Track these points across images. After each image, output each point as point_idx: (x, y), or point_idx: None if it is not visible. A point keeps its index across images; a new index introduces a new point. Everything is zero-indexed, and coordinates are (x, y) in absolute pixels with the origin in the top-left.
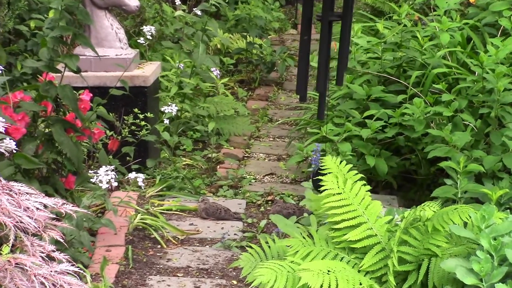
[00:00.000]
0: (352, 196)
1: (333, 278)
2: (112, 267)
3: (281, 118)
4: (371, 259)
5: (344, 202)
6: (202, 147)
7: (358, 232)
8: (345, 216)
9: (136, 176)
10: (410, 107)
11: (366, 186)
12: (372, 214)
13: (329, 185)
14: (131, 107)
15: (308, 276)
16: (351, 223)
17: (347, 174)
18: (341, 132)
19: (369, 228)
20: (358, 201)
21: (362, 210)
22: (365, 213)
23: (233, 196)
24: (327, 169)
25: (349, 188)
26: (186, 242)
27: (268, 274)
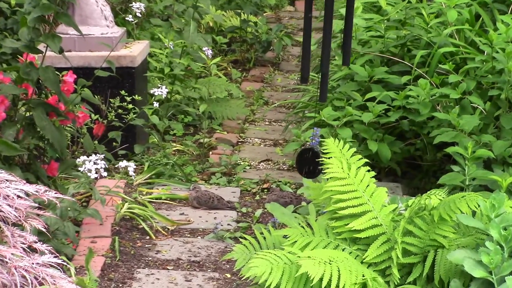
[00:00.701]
0: (357, 182)
1: (335, 268)
2: (97, 260)
3: (278, 101)
4: (376, 250)
5: (349, 187)
6: (194, 131)
7: (363, 221)
8: (350, 203)
9: (126, 165)
10: (415, 89)
11: (370, 172)
12: (377, 202)
13: (334, 169)
14: (117, 89)
15: (309, 265)
16: (355, 210)
17: (351, 159)
18: (341, 117)
19: (375, 217)
20: (363, 188)
21: (367, 197)
22: (370, 201)
23: (226, 184)
24: (330, 153)
25: (353, 174)
26: (176, 233)
27: (263, 266)
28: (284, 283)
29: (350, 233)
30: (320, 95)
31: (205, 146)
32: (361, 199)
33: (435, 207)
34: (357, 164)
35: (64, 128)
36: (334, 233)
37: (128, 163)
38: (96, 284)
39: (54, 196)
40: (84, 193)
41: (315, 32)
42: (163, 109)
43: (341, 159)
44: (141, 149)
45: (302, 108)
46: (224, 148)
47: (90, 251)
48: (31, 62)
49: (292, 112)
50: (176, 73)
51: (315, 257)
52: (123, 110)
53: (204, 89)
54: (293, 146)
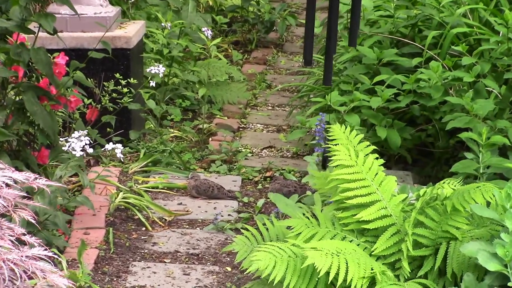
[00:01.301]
0: (365, 171)
1: (342, 260)
2: (91, 252)
3: (281, 84)
4: (385, 242)
5: (357, 176)
6: (192, 117)
7: (371, 211)
8: (358, 192)
9: (113, 147)
10: (426, 72)
11: (379, 160)
12: (386, 191)
13: (340, 156)
14: (112, 72)
15: (316, 256)
16: (363, 200)
17: (358, 146)
18: (348, 101)
19: (384, 207)
20: (372, 176)
21: (376, 186)
22: (379, 190)
23: (227, 172)
24: (336, 139)
25: (361, 161)
26: (174, 224)
27: (266, 259)
28: (289, 276)
29: (357, 224)
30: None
31: (204, 132)
32: (370, 188)
33: (448, 197)
34: (365, 151)
35: (55, 113)
36: (341, 224)
37: (115, 145)
38: (89, 278)
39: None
40: (76, 181)
41: (320, 11)
42: (160, 93)
43: (348, 146)
44: (137, 135)
45: (307, 92)
46: (225, 134)
47: (83, 243)
48: (22, 43)
49: (296, 96)
50: (174, 55)
51: (322, 248)
52: (117, 94)
53: (204, 72)
54: (297, 133)
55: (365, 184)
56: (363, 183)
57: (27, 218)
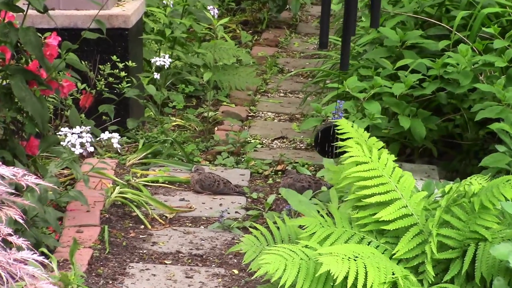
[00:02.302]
0: (381, 167)
1: (361, 265)
2: (84, 252)
3: (294, 69)
4: (407, 244)
5: (374, 173)
6: (196, 104)
7: (391, 210)
8: (375, 190)
9: (110, 137)
10: (454, 56)
11: (391, 156)
12: (405, 189)
13: (354, 152)
14: (108, 54)
15: (331, 262)
16: (382, 198)
17: (369, 141)
18: (368, 88)
19: (404, 205)
20: (389, 173)
21: (394, 183)
22: (398, 187)
23: (234, 165)
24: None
25: (376, 157)
26: (175, 222)
27: (276, 262)
28: (300, 281)
29: (376, 224)
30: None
31: (209, 120)
32: (388, 186)
33: (476, 194)
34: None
35: (46, 99)
36: (359, 224)
37: (111, 134)
38: (82, 281)
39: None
40: (68, 175)
41: None
42: (161, 77)
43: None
44: (135, 123)
45: (322, 77)
46: (232, 124)
47: (75, 242)
48: (10, 22)
49: (311, 82)
50: (176, 36)
51: (338, 253)
52: (114, 79)
53: (209, 54)
54: (312, 122)
55: (383, 181)
56: (381, 180)
57: (14, 217)
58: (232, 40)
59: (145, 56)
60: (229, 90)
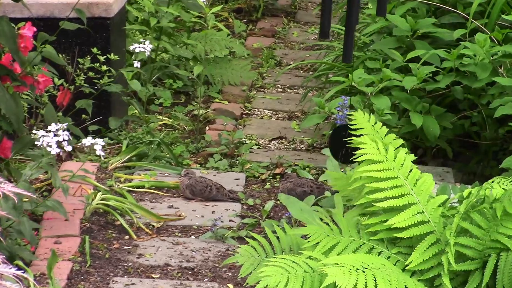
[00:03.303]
0: (397, 167)
1: (370, 277)
2: (63, 265)
3: (294, 61)
4: (422, 254)
5: (388, 173)
6: (185, 101)
7: (405, 216)
8: (389, 194)
9: (93, 143)
10: (471, 47)
11: (411, 155)
12: (422, 192)
13: (367, 149)
14: (88, 46)
15: (337, 273)
16: (395, 203)
17: (386, 138)
18: (376, 81)
19: (420, 211)
20: (405, 174)
21: (410, 186)
22: (414, 191)
23: (227, 168)
24: (360, 129)
25: (392, 156)
26: (163, 231)
27: (277, 275)
28: None
29: (388, 232)
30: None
31: (200, 119)
32: (403, 189)
33: (497, 199)
34: (394, 144)
35: (20, 96)
36: (368, 232)
37: (94, 140)
38: None
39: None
40: (45, 179)
41: None
42: (147, 71)
43: (375, 137)
44: (118, 123)
45: (325, 70)
46: (225, 122)
47: (54, 255)
48: None
49: (312, 76)
50: (163, 25)
51: (345, 264)
52: (95, 73)
53: (199, 46)
54: (314, 119)
55: (398, 184)
56: (395, 182)
57: None
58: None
59: (128, 48)
60: (222, 85)
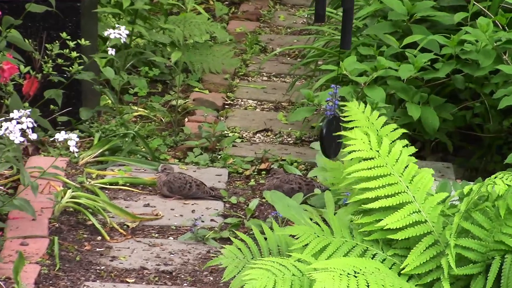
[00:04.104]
0: (391, 163)
1: (362, 282)
2: (30, 269)
3: (280, 47)
4: (419, 257)
5: (380, 171)
6: (162, 90)
7: (400, 216)
8: (381, 192)
9: (66, 139)
10: (473, 32)
11: (409, 148)
12: (419, 190)
13: (357, 145)
14: (57, 30)
15: (326, 279)
16: (389, 202)
17: (383, 130)
18: (369, 70)
19: (416, 210)
20: (400, 170)
21: (406, 183)
22: (410, 188)
23: (209, 163)
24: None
25: (385, 151)
26: (139, 232)
27: (264, 278)
28: None
29: (382, 232)
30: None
31: (178, 110)
32: (397, 186)
33: (501, 196)
34: (391, 136)
35: None
36: (361, 232)
37: (68, 135)
38: None
39: None
40: (10, 175)
41: None
42: (121, 58)
43: (369, 130)
44: (90, 114)
45: (314, 57)
46: (206, 114)
47: (21, 257)
48: None
49: (301, 63)
50: (138, 8)
51: (335, 268)
52: (64, 60)
53: (178, 30)
54: (302, 112)
55: (391, 181)
56: (388, 180)
57: None
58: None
59: (100, 33)
60: (202, 73)
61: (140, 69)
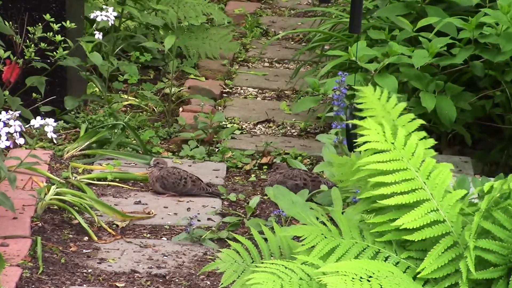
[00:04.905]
0: (407, 156)
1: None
2: (11, 272)
3: (283, 30)
4: (436, 260)
5: (396, 165)
6: (155, 77)
7: (416, 215)
8: (396, 188)
9: (43, 124)
10: (493, 14)
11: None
12: (437, 186)
13: (371, 136)
14: (39, 12)
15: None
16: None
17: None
18: (380, 56)
19: (434, 209)
20: (416, 164)
21: (423, 179)
22: (427, 184)
23: (205, 157)
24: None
25: (401, 143)
26: (129, 232)
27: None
28: None
29: (397, 233)
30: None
31: (172, 99)
32: (414, 182)
33: None
34: (407, 128)
35: None
36: (373, 233)
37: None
38: None
39: None
40: None
41: None
42: (109, 42)
43: (384, 119)
44: (75, 103)
45: (320, 41)
46: (202, 103)
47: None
48: None
49: (305, 48)
50: None
51: (346, 272)
52: (48, 45)
53: (171, 12)
54: (307, 103)
55: (407, 177)
56: (404, 175)
57: None
58: None
59: (87, 15)
60: (198, 58)
61: (130, 54)
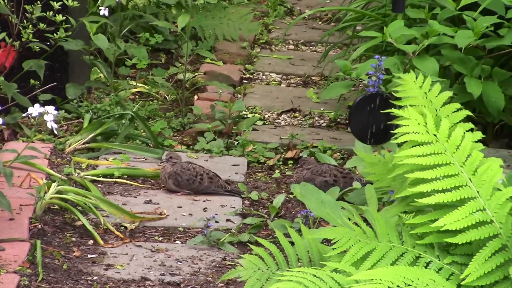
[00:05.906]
0: (451, 150)
1: None
2: (7, 279)
3: (309, 9)
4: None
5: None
6: (167, 61)
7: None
8: (438, 185)
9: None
10: None
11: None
12: (484, 183)
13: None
14: None
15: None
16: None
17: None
18: (419, 37)
19: (481, 208)
20: (461, 159)
21: (468, 175)
22: (473, 181)
23: (223, 151)
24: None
25: (445, 135)
26: (139, 235)
27: None
28: None
29: (439, 235)
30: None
31: (186, 86)
32: (458, 179)
33: None
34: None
35: None
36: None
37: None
38: None
39: None
40: None
41: None
42: (116, 22)
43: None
44: (78, 91)
45: (352, 21)
46: (219, 90)
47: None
48: None
49: (335, 29)
50: None
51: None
52: (47, 25)
53: None
54: (337, 89)
55: (451, 172)
56: (447, 170)
57: None
58: None
59: None
60: (215, 41)
61: (139, 36)
